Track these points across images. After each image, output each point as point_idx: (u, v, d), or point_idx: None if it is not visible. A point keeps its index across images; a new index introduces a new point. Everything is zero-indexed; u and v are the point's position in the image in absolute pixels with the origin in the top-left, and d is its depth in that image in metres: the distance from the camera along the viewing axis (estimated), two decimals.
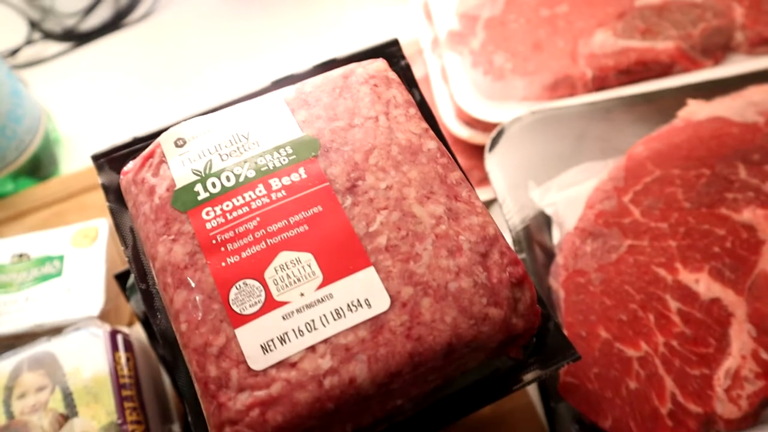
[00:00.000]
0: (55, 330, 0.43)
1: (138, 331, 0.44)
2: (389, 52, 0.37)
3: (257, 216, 0.29)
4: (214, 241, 0.29)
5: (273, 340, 0.27)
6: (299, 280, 0.28)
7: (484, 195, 0.51)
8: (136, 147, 0.35)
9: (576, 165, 0.47)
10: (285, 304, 0.27)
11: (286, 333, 0.27)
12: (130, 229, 0.33)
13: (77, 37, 0.70)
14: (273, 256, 0.28)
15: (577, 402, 0.39)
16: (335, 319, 0.27)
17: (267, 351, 0.27)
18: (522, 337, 0.30)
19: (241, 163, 0.31)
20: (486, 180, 0.52)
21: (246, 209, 0.30)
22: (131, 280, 0.41)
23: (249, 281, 0.28)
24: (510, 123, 0.47)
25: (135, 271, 0.32)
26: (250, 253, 0.28)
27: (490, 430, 0.42)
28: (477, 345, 0.28)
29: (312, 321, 0.27)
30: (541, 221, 0.45)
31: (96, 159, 0.35)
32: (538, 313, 0.30)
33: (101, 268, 0.46)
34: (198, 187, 0.30)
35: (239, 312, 0.27)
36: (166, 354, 0.31)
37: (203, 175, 0.31)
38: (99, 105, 0.65)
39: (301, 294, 0.28)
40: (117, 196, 0.34)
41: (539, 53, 0.53)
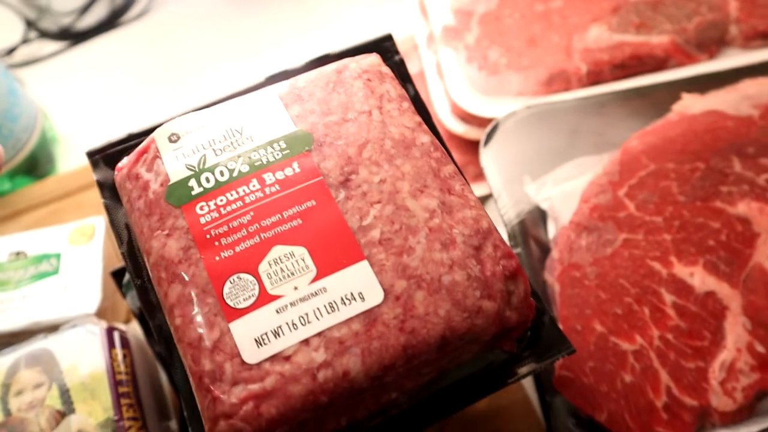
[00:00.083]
0: (52, 328, 0.43)
1: (135, 328, 0.44)
2: (383, 47, 0.37)
3: (251, 210, 0.29)
4: (208, 236, 0.29)
5: (267, 333, 0.27)
6: (293, 273, 0.28)
7: (479, 190, 0.51)
8: (130, 143, 0.35)
9: (571, 159, 0.47)
10: (279, 297, 0.27)
11: (280, 326, 0.27)
12: (125, 225, 0.33)
13: (73, 36, 0.70)
14: (267, 250, 0.28)
15: (573, 396, 0.39)
16: (329, 313, 0.27)
17: (261, 344, 0.27)
18: (516, 330, 0.30)
19: (235, 158, 0.31)
20: (481, 175, 0.52)
21: (240, 204, 0.30)
22: (127, 276, 0.41)
23: (243, 275, 0.28)
24: (505, 118, 0.47)
25: (130, 267, 0.32)
26: (243, 248, 0.28)
27: (486, 424, 0.42)
28: (471, 338, 0.28)
29: (306, 314, 0.27)
30: (537, 216, 0.46)
31: (91, 155, 0.35)
32: (532, 306, 0.30)
33: (98, 265, 0.46)
34: (192, 182, 0.30)
35: (233, 306, 0.27)
36: (161, 349, 0.31)
37: (197, 170, 0.31)
38: (95, 104, 0.65)
39: (295, 288, 0.28)
40: (112, 192, 0.34)
41: (534, 48, 0.53)
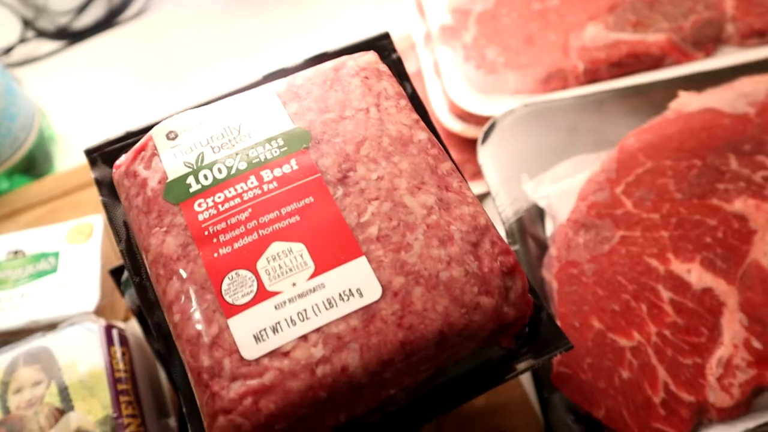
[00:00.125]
0: (51, 326, 0.43)
1: (133, 326, 0.44)
2: (380, 45, 0.37)
3: (249, 207, 0.29)
4: (206, 233, 0.29)
5: (265, 329, 0.27)
6: (291, 270, 0.28)
7: (477, 189, 0.51)
8: (128, 141, 0.35)
9: (569, 157, 0.47)
10: (277, 294, 0.28)
11: (278, 322, 0.27)
12: (123, 223, 0.33)
13: (70, 36, 0.70)
14: (265, 246, 0.28)
15: (571, 392, 0.39)
16: (327, 309, 0.27)
17: (259, 340, 0.27)
18: (514, 326, 0.30)
19: (233, 155, 0.31)
20: (479, 174, 0.52)
21: (238, 201, 0.30)
22: (125, 274, 0.41)
23: (241, 272, 0.28)
24: (502, 116, 0.48)
25: (128, 264, 0.32)
26: (242, 244, 0.29)
27: (484, 421, 0.42)
28: (468, 334, 0.28)
29: (304, 310, 0.27)
30: (535, 214, 0.46)
31: (89, 153, 0.35)
32: (529, 302, 0.31)
33: (96, 264, 0.46)
34: (190, 179, 0.30)
35: (232, 302, 0.27)
36: (160, 346, 0.31)
37: (195, 168, 0.31)
38: (93, 103, 0.65)
39: (293, 284, 0.28)
40: (110, 190, 0.34)
41: (531, 47, 0.53)
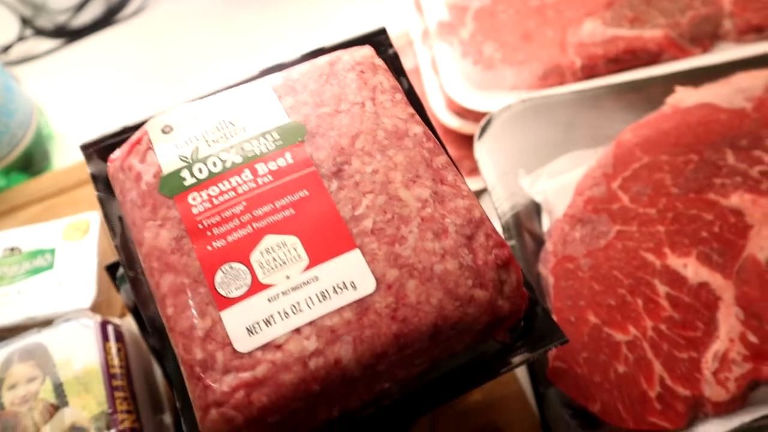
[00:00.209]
0: (47, 322, 0.43)
1: (129, 323, 0.44)
2: (377, 40, 0.37)
3: (243, 200, 0.29)
4: (200, 226, 0.29)
5: (258, 322, 0.27)
6: (285, 263, 0.28)
7: (474, 185, 0.51)
8: (125, 136, 0.35)
9: (566, 153, 0.47)
10: (271, 286, 0.28)
11: (271, 315, 0.27)
12: (118, 218, 0.33)
13: (69, 34, 0.70)
14: (259, 239, 0.28)
15: (567, 387, 0.39)
16: (321, 302, 0.27)
17: (252, 333, 0.27)
18: (508, 320, 0.30)
19: (228, 149, 0.31)
20: (476, 170, 0.52)
21: (232, 194, 0.30)
22: (121, 270, 0.41)
23: (235, 264, 0.28)
24: (499, 111, 0.48)
25: (123, 259, 0.32)
26: (236, 237, 0.29)
27: (480, 416, 0.42)
28: (463, 327, 0.28)
29: (297, 303, 0.27)
30: (531, 209, 0.46)
31: (85, 149, 0.35)
32: (524, 296, 0.30)
33: (93, 260, 0.46)
34: (185, 173, 0.30)
35: (225, 295, 0.27)
36: (154, 341, 0.31)
37: (190, 161, 0.31)
38: (91, 101, 0.65)
39: (287, 277, 0.28)
40: (106, 185, 0.34)
41: (528, 43, 0.53)
